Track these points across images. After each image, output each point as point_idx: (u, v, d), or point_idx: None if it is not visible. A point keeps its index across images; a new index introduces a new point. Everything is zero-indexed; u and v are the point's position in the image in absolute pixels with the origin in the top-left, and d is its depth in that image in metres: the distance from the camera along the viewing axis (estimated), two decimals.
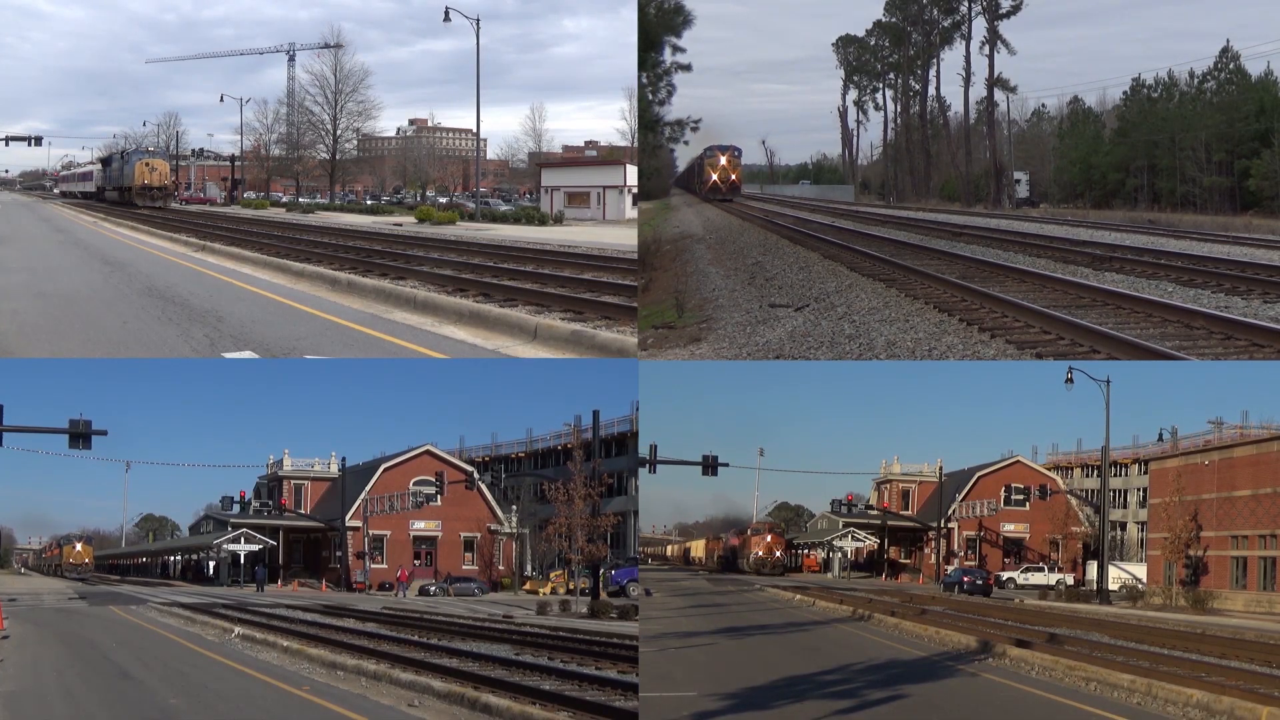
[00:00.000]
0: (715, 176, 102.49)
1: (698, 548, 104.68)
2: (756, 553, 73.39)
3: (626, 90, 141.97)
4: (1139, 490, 66.80)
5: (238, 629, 27.11)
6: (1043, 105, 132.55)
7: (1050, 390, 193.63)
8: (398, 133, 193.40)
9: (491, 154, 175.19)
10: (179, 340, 22.59)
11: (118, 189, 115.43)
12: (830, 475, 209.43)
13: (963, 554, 71.65)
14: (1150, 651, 21.96)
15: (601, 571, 42.93)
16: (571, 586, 47.49)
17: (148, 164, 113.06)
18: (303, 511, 71.34)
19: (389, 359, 31.01)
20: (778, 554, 74.29)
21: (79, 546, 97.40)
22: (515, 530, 67.83)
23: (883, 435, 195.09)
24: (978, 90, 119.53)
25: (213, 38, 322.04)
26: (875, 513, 78.90)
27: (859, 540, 76.63)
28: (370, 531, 65.67)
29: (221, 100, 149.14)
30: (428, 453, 68.63)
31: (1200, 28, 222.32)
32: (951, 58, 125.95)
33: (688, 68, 41.09)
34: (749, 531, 78.58)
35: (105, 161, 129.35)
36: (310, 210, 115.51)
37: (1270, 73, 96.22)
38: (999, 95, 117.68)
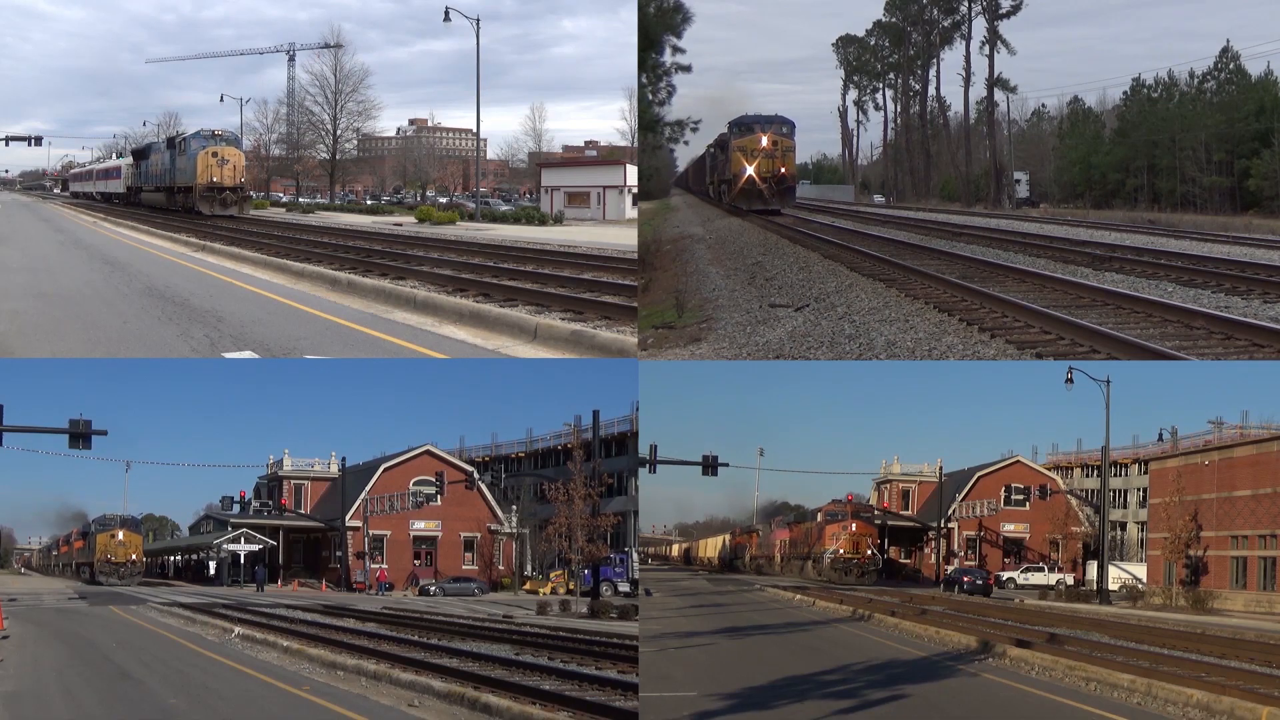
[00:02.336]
0: (751, 170, 62.59)
1: (707, 546, 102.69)
2: (835, 550, 55.02)
3: (626, 90, 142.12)
4: (1139, 490, 66.78)
5: (238, 629, 27.10)
6: (1043, 105, 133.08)
7: (1050, 390, 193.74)
8: (398, 133, 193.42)
9: (491, 154, 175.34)
10: (179, 340, 22.57)
11: (164, 189, 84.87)
12: (830, 475, 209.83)
13: (963, 554, 71.55)
14: (1150, 651, 21.95)
15: (584, 570, 42.82)
16: (571, 587, 47.49)
17: (215, 154, 78.15)
18: (303, 511, 71.33)
19: (389, 359, 31.01)
20: (870, 552, 55.41)
21: (120, 535, 67.03)
22: (515, 530, 67.82)
23: (883, 435, 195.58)
24: (978, 90, 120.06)
25: (213, 38, 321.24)
26: (876, 513, 78.59)
27: None
28: (370, 531, 65.69)
29: (221, 100, 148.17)
30: (428, 453, 68.62)
31: (1200, 28, 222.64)
32: (951, 58, 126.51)
33: (688, 68, 40.98)
34: (820, 517, 58.35)
35: (140, 154, 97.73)
36: (310, 210, 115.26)
37: (1270, 73, 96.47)
38: (999, 95, 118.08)
